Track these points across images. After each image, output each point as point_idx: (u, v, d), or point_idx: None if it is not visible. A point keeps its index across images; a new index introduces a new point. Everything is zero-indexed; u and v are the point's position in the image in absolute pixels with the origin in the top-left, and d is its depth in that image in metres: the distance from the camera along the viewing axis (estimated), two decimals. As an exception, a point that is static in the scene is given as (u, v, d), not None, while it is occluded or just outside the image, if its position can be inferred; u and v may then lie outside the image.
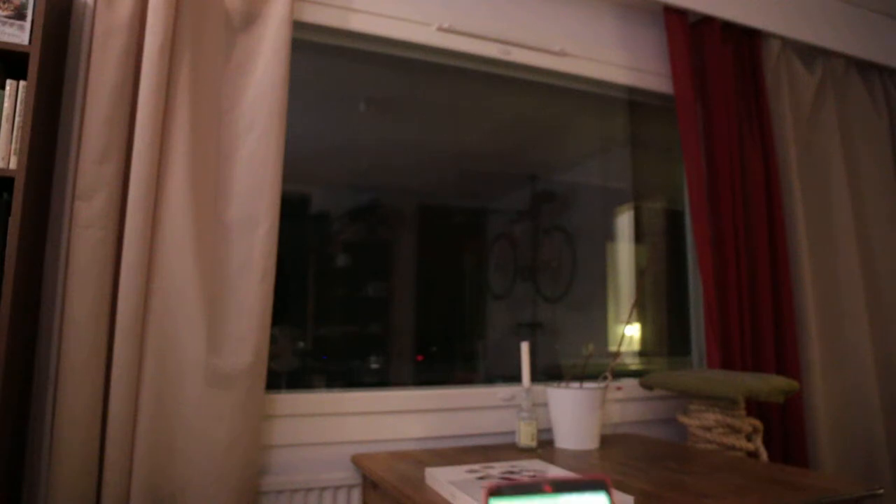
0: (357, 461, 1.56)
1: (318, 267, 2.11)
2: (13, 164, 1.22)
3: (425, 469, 1.31)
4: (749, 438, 1.69)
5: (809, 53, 2.38)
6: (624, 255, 2.50)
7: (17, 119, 1.24)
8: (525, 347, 1.71)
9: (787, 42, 2.31)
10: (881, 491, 1.27)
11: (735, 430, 1.67)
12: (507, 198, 2.45)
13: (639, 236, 2.50)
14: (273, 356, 1.54)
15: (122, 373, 1.32)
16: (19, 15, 1.28)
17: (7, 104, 1.24)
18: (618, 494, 0.30)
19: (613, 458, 1.52)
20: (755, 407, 1.98)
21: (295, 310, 2.01)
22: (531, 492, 0.33)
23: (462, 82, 2.19)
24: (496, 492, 0.33)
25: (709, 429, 1.70)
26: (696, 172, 2.05)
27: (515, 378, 1.92)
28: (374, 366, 2.13)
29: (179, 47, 1.46)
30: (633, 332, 2.40)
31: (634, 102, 2.39)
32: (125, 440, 1.32)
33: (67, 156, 1.45)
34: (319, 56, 1.95)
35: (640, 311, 2.40)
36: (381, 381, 2.11)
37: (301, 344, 2.04)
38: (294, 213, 1.93)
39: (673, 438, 2.03)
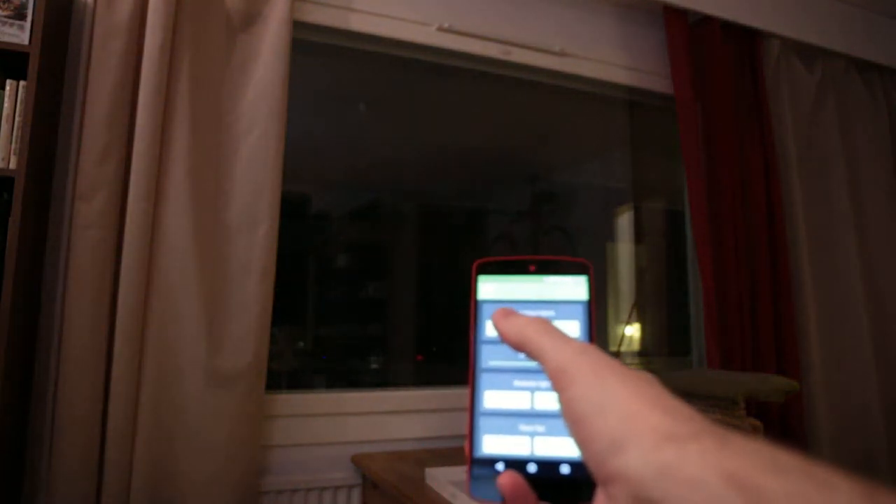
0: (357, 461, 1.56)
1: (318, 267, 2.11)
2: (13, 164, 1.22)
3: (425, 469, 1.31)
4: (749, 438, 1.69)
5: (809, 53, 2.38)
6: (624, 255, 2.50)
7: (17, 119, 1.24)
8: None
9: (787, 42, 2.31)
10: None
11: (735, 430, 1.67)
12: (508, 198, 2.45)
13: (639, 236, 2.50)
14: (273, 356, 1.54)
15: (122, 373, 1.32)
16: (19, 15, 1.28)
17: (7, 104, 1.24)
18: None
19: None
20: (755, 407, 1.98)
21: (295, 310, 2.01)
22: (517, 270, 0.35)
23: (462, 82, 2.19)
24: (484, 268, 0.35)
25: (709, 429, 1.69)
26: (696, 172, 2.05)
27: (515, 378, 1.92)
28: (374, 366, 2.13)
29: (179, 47, 1.46)
30: (632, 332, 2.40)
31: (634, 102, 2.39)
32: (125, 440, 1.32)
33: (67, 156, 1.45)
34: (320, 56, 1.95)
35: (640, 311, 2.40)
36: (381, 381, 2.11)
37: (301, 344, 2.04)
38: (294, 213, 1.92)
39: (673, 438, 2.03)
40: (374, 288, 2.22)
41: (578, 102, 2.35)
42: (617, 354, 1.67)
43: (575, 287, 0.34)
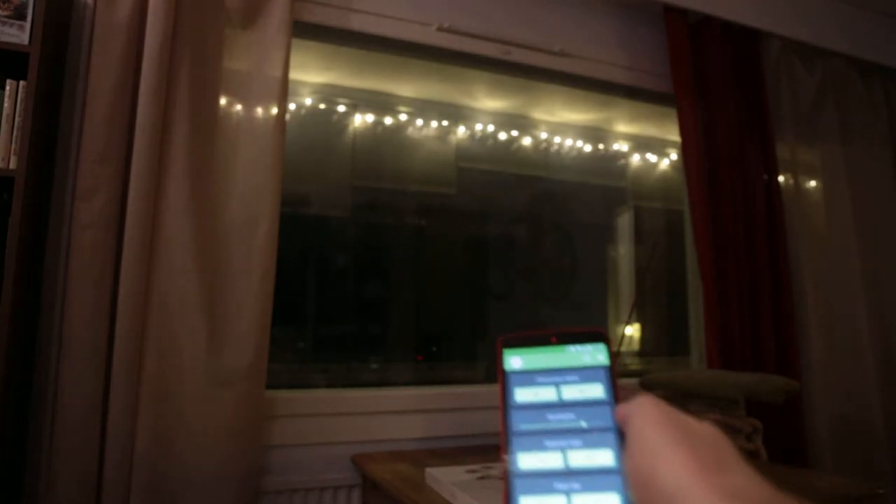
0: (357, 461, 1.56)
1: (317, 267, 2.11)
2: (13, 164, 1.22)
3: (425, 469, 1.31)
4: (749, 438, 1.69)
5: (809, 53, 2.38)
6: (624, 255, 2.50)
7: (17, 119, 1.24)
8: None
9: (787, 42, 2.31)
10: (882, 491, 1.27)
11: (735, 430, 1.67)
12: (508, 198, 2.45)
13: (639, 236, 2.50)
14: (273, 356, 1.54)
15: (122, 373, 1.32)
16: (19, 15, 1.28)
17: (7, 104, 1.24)
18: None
19: (613, 458, 1.51)
20: (755, 407, 1.97)
21: (295, 310, 2.01)
22: (539, 343, 0.38)
23: (462, 81, 2.19)
24: (508, 343, 0.38)
25: (709, 429, 1.69)
26: (696, 172, 2.05)
27: (515, 378, 1.91)
28: (374, 366, 2.13)
29: (179, 47, 1.46)
30: (632, 332, 2.40)
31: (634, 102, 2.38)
32: (125, 440, 1.32)
33: (67, 156, 1.45)
34: (319, 54, 1.95)
35: (640, 311, 2.40)
36: (382, 381, 2.11)
37: (301, 344, 2.04)
38: (294, 213, 1.92)
39: (673, 438, 2.02)
40: (374, 288, 2.22)
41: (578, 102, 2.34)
42: (617, 354, 1.67)
43: (595, 354, 0.37)
